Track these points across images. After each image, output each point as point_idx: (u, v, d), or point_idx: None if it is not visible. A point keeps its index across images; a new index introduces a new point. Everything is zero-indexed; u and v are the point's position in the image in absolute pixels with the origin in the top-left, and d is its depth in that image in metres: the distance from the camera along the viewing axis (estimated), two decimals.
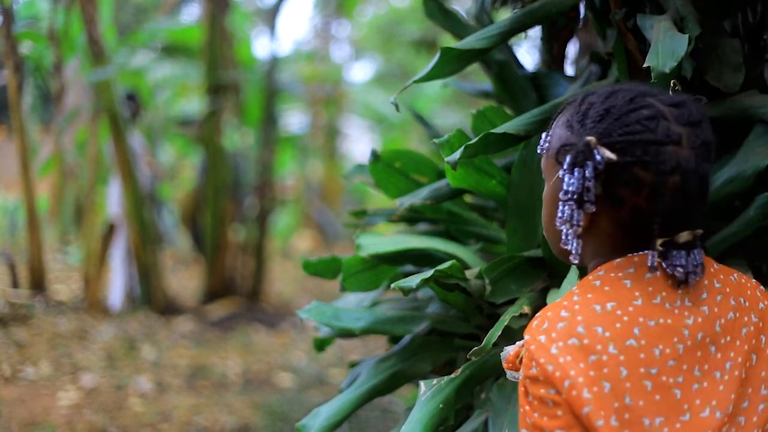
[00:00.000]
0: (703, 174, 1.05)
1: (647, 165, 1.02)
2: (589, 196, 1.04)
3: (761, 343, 1.07)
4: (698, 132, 1.05)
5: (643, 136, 1.02)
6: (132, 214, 6.36)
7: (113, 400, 4.31)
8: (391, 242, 1.86)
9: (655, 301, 1.03)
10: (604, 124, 1.05)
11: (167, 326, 6.00)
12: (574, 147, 1.05)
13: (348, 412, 1.78)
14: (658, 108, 1.05)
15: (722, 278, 1.10)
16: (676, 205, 1.03)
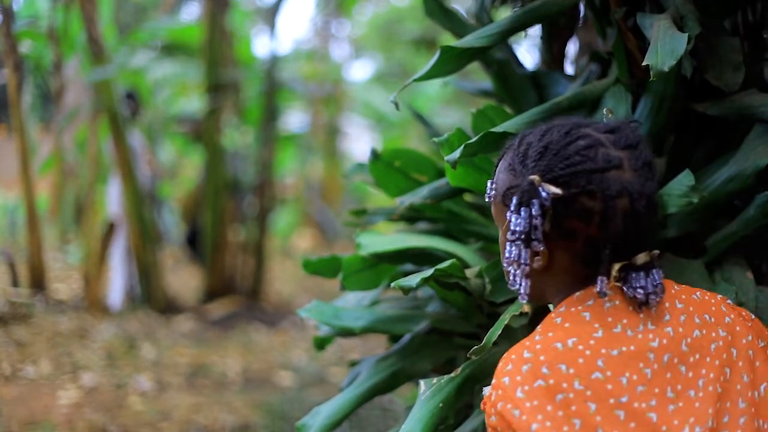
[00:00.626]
0: (649, 194, 1.07)
1: (593, 193, 1.03)
2: (537, 234, 1.05)
3: (732, 357, 1.07)
4: (637, 154, 1.07)
5: (585, 165, 1.04)
6: (132, 213, 6.36)
7: (113, 398, 4.32)
8: (391, 241, 1.86)
9: (615, 330, 1.04)
10: (544, 160, 1.07)
11: (167, 325, 6.00)
12: (518, 188, 1.07)
13: (348, 411, 1.78)
14: (594, 136, 1.07)
15: (684, 298, 1.11)
16: (627, 228, 1.05)
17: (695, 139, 1.64)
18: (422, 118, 2.30)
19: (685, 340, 1.05)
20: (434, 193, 1.80)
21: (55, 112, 7.56)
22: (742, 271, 1.54)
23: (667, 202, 1.44)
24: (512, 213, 1.07)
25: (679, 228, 1.61)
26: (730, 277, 1.55)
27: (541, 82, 1.90)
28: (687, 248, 1.62)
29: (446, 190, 1.79)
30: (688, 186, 1.41)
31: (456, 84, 2.43)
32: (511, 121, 1.56)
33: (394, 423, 3.37)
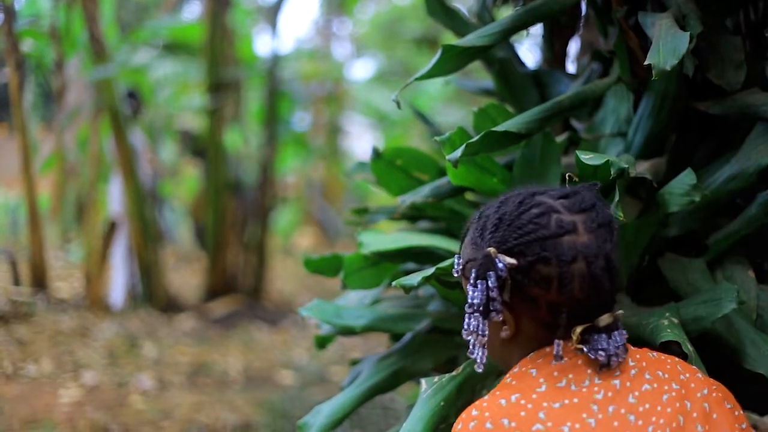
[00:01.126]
0: (607, 254, 1.07)
1: (548, 260, 1.05)
2: (495, 305, 1.07)
3: (686, 407, 1.07)
4: (593, 216, 1.08)
5: (538, 233, 1.06)
6: (133, 211, 6.37)
7: (115, 397, 4.32)
8: (393, 240, 1.86)
9: (559, 384, 1.05)
10: (499, 232, 1.09)
11: (169, 324, 6.01)
12: (476, 261, 1.09)
13: (349, 410, 1.78)
14: (547, 204, 1.09)
15: (638, 357, 1.12)
16: (586, 291, 1.06)
17: (697, 137, 1.64)
18: (424, 117, 2.30)
19: (632, 393, 1.06)
20: (436, 191, 1.80)
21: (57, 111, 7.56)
22: (744, 269, 1.54)
23: (669, 201, 1.44)
24: (470, 286, 1.09)
25: (681, 227, 1.61)
26: (732, 275, 1.55)
27: (542, 80, 1.90)
28: (689, 247, 1.62)
29: (448, 188, 1.79)
30: (689, 185, 1.41)
31: (457, 83, 2.43)
32: (512, 120, 1.56)
33: (395, 422, 3.37)
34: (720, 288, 1.46)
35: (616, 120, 1.67)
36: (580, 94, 1.63)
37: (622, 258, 1.65)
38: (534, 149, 1.64)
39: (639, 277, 1.69)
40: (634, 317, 1.55)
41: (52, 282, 7.32)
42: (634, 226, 1.59)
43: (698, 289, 1.56)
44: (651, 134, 1.57)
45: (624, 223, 1.42)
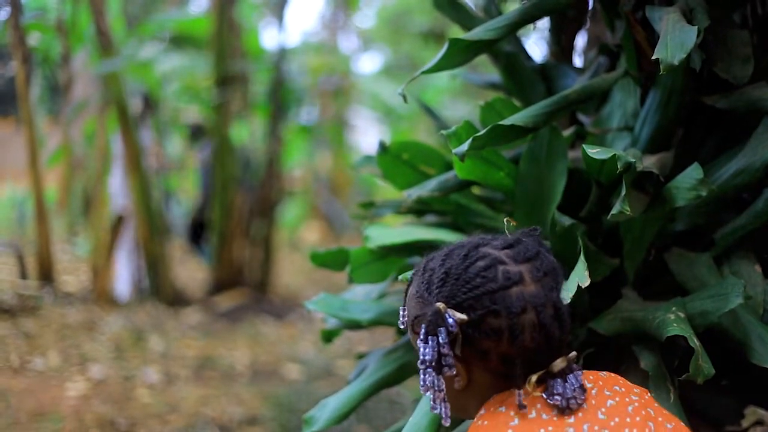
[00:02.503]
0: (554, 302, 1.09)
1: (498, 312, 1.05)
2: (447, 360, 1.07)
3: (651, 414, 1.09)
4: (538, 265, 1.10)
5: (486, 287, 1.06)
6: (140, 205, 6.38)
7: (121, 391, 4.33)
8: (399, 234, 1.86)
9: (531, 416, 1.06)
10: (447, 287, 1.09)
11: (175, 317, 6.03)
12: (425, 317, 1.09)
13: (355, 404, 1.79)
14: (492, 255, 1.10)
15: (592, 378, 1.13)
16: (538, 340, 1.07)
17: (704, 132, 1.64)
18: (430, 111, 2.30)
19: (600, 410, 1.07)
20: (442, 185, 1.80)
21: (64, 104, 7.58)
22: (751, 264, 1.54)
23: (676, 196, 1.44)
24: (421, 342, 1.08)
25: (688, 221, 1.61)
26: (738, 270, 1.54)
27: (549, 74, 1.89)
28: (695, 241, 1.62)
29: (454, 182, 1.79)
30: (696, 179, 1.40)
31: (464, 76, 2.43)
32: (519, 113, 1.56)
33: (401, 415, 3.37)
34: (726, 282, 1.46)
35: (623, 114, 1.66)
36: (587, 88, 1.63)
37: (629, 252, 1.65)
38: (540, 143, 1.63)
39: (646, 271, 1.69)
40: (640, 312, 1.55)
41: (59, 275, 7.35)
42: (640, 221, 1.59)
43: (705, 283, 1.55)
44: (658, 128, 1.57)
45: (631, 218, 1.42)
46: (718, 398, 1.59)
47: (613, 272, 1.65)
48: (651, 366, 1.49)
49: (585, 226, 1.59)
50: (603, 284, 1.64)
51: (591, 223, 1.63)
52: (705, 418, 1.57)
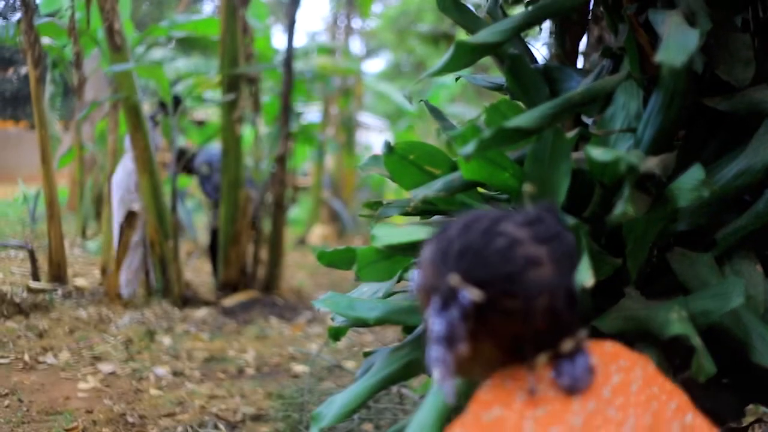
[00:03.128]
0: (567, 286, 1.09)
1: (514, 295, 1.05)
2: (458, 336, 1.07)
3: (654, 392, 1.10)
4: (556, 246, 1.09)
5: (504, 268, 1.06)
6: (150, 205, 6.42)
7: (131, 388, 4.37)
8: (406, 233, 1.88)
9: (537, 391, 1.06)
10: (465, 261, 1.08)
11: (184, 316, 6.07)
12: (440, 289, 1.09)
13: (362, 401, 1.81)
14: (512, 235, 1.08)
15: (598, 351, 1.14)
16: (549, 323, 1.07)
17: (706, 133, 1.66)
18: (436, 112, 2.32)
19: (605, 388, 1.08)
20: (448, 186, 1.83)
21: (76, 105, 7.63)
22: (752, 264, 1.56)
23: (678, 196, 1.46)
24: (434, 315, 1.08)
25: (690, 222, 1.63)
26: (740, 270, 1.57)
27: (553, 77, 1.91)
28: (697, 241, 1.64)
29: (460, 183, 1.82)
30: (698, 180, 1.42)
31: (469, 78, 2.45)
32: (523, 115, 1.58)
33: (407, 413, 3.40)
34: (728, 282, 1.48)
35: (626, 116, 1.68)
36: (591, 91, 1.65)
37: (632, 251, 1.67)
38: (545, 144, 1.65)
39: (648, 271, 1.71)
40: (643, 311, 1.57)
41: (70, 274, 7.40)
42: (643, 221, 1.61)
43: (706, 283, 1.58)
44: (660, 130, 1.59)
45: (634, 218, 1.44)
46: (720, 396, 1.61)
47: (616, 272, 1.67)
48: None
49: (588, 226, 1.61)
50: (606, 283, 1.66)
51: (594, 223, 1.65)
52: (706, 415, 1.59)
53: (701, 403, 1.60)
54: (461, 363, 1.12)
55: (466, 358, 1.10)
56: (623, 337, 1.61)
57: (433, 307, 1.09)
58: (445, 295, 1.07)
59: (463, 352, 1.08)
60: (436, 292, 1.09)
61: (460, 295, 1.06)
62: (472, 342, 1.09)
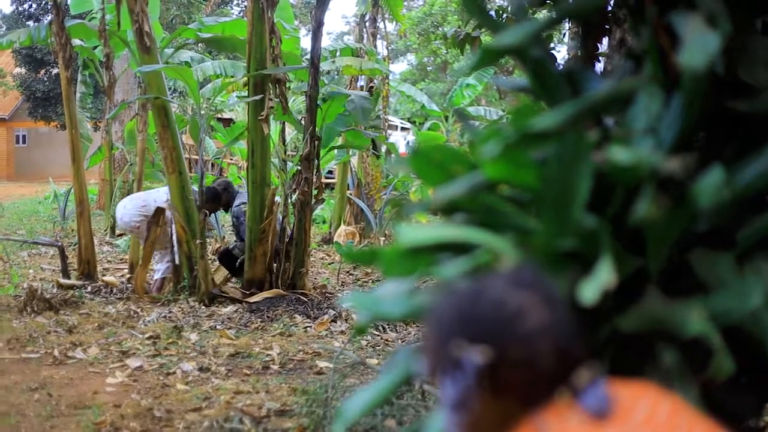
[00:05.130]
0: (567, 322, 1.12)
1: (516, 344, 1.08)
2: (469, 397, 1.10)
3: (681, 422, 1.12)
4: (542, 291, 1.13)
5: (498, 321, 1.09)
6: (178, 204, 6.50)
7: (159, 383, 4.45)
8: (430, 232, 1.91)
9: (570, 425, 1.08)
10: (462, 326, 1.12)
11: (210, 313, 6.14)
12: (445, 358, 1.12)
13: (385, 397, 1.84)
14: (499, 291, 1.13)
15: (625, 388, 1.15)
16: (558, 362, 1.09)
17: (726, 135, 1.67)
18: (460, 113, 2.35)
19: (631, 420, 1.09)
20: (471, 186, 1.85)
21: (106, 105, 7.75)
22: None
23: (699, 197, 1.48)
24: (444, 382, 1.12)
25: (710, 222, 1.65)
26: (760, 270, 1.58)
27: (576, 79, 1.93)
28: (718, 242, 1.65)
29: (482, 183, 1.84)
30: (719, 181, 1.44)
31: (493, 80, 2.48)
32: (547, 118, 1.61)
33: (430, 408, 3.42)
34: (747, 282, 1.50)
35: (647, 117, 1.70)
36: (613, 92, 1.67)
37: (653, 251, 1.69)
38: (567, 146, 1.67)
39: (669, 271, 1.73)
40: (663, 310, 1.59)
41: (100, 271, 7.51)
42: (664, 222, 1.63)
43: (726, 283, 1.59)
44: (681, 131, 1.60)
45: (655, 219, 1.46)
46: (738, 395, 1.62)
47: (637, 271, 1.68)
48: (673, 363, 1.53)
49: (610, 227, 1.63)
50: (627, 283, 1.68)
51: (616, 224, 1.67)
52: (725, 414, 1.61)
53: (720, 402, 1.61)
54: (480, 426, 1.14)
55: (484, 421, 1.13)
56: (643, 337, 1.63)
57: (443, 377, 1.12)
58: (451, 361, 1.11)
59: (477, 414, 1.11)
60: (443, 362, 1.12)
61: (465, 359, 1.09)
62: (487, 402, 1.11)
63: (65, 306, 6.09)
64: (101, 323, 5.77)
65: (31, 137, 30.85)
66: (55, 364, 4.86)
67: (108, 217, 9.83)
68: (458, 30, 4.35)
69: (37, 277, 7.48)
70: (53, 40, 6.35)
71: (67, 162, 7.00)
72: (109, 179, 9.85)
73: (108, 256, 8.88)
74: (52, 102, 23.22)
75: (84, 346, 5.20)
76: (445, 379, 1.12)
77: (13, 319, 5.82)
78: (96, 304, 6.33)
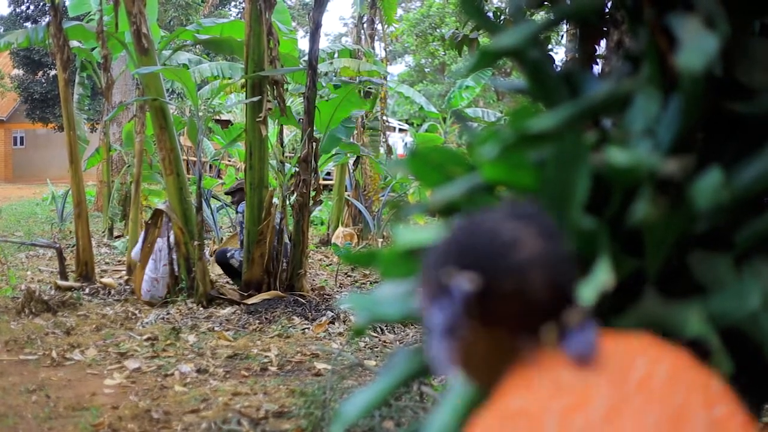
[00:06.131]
0: (561, 256, 1.11)
1: (506, 274, 1.07)
2: (456, 326, 1.09)
3: (679, 386, 1.08)
4: (538, 225, 1.12)
5: (489, 249, 1.09)
6: (176, 206, 6.50)
7: (156, 384, 4.44)
8: (428, 233, 1.91)
9: (561, 380, 1.05)
10: (454, 254, 1.12)
11: (208, 315, 6.14)
12: (434, 284, 1.12)
13: (383, 399, 1.84)
14: (495, 222, 1.12)
15: (624, 342, 1.14)
16: (550, 295, 1.08)
17: (724, 136, 1.67)
18: (458, 115, 2.35)
19: (628, 381, 1.06)
20: (469, 187, 1.85)
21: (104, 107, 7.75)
22: None
23: (697, 199, 1.48)
24: (430, 309, 1.12)
25: (709, 223, 1.65)
26: (759, 272, 1.58)
27: (574, 80, 1.93)
28: (716, 243, 1.65)
29: (480, 184, 1.84)
30: (717, 183, 1.44)
31: (491, 82, 2.48)
32: (545, 119, 1.60)
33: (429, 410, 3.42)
34: (746, 284, 1.50)
35: (645, 119, 1.70)
36: (611, 94, 1.67)
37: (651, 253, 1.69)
38: (565, 147, 1.67)
39: (667, 272, 1.73)
40: (661, 311, 1.59)
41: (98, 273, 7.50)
42: (662, 223, 1.63)
43: (725, 284, 1.59)
44: (680, 133, 1.60)
45: (653, 220, 1.46)
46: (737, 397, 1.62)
47: (635, 273, 1.68)
48: None
49: (607, 228, 1.63)
50: (625, 285, 1.68)
51: (613, 225, 1.67)
52: None
53: None
54: (469, 361, 1.14)
55: (474, 352, 1.12)
56: None
57: (431, 302, 1.12)
58: (439, 287, 1.11)
59: (467, 344, 1.10)
60: (433, 289, 1.13)
61: (454, 285, 1.09)
62: (476, 332, 1.10)
63: (63, 308, 6.09)
64: (99, 325, 5.77)
65: (29, 139, 30.82)
66: (52, 365, 4.85)
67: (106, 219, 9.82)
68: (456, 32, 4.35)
69: (35, 279, 7.47)
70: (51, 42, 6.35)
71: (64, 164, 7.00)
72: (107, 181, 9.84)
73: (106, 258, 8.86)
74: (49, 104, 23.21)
75: (82, 347, 5.19)
76: (435, 306, 1.12)
77: (11, 320, 5.81)
78: (94, 306, 6.32)
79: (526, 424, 1.01)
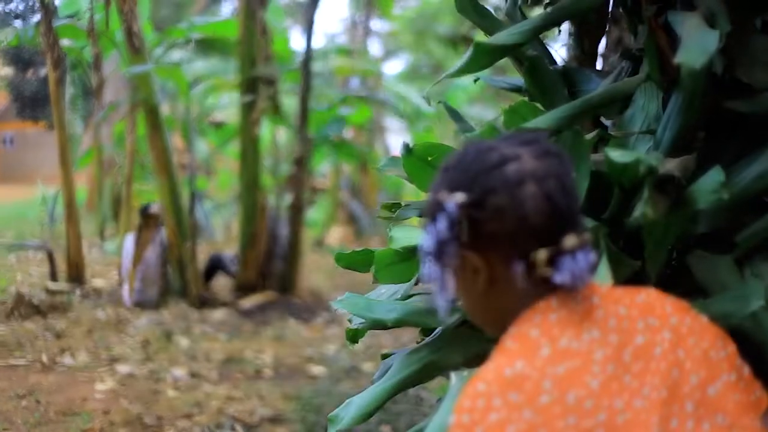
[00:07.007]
0: (558, 174, 1.05)
1: (495, 189, 1.03)
2: (447, 246, 1.05)
3: (679, 357, 1.05)
4: (537, 146, 1.07)
5: (481, 167, 1.05)
6: (168, 207, 6.45)
7: (149, 389, 4.40)
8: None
9: (561, 343, 1.01)
10: (447, 177, 1.09)
11: (201, 318, 6.09)
12: (431, 205, 1.09)
13: (380, 403, 1.81)
14: (490, 143, 1.09)
15: (628, 302, 1.09)
16: (544, 213, 1.03)
17: (725, 135, 1.65)
18: (455, 113, 2.32)
19: (626, 350, 1.03)
20: None
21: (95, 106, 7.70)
22: None
23: (697, 198, 1.45)
24: (424, 231, 1.08)
25: (709, 224, 1.62)
26: (760, 272, 1.55)
27: (572, 78, 1.91)
28: (717, 244, 1.63)
29: None
30: (718, 182, 1.42)
31: (488, 80, 2.44)
32: (542, 117, 1.58)
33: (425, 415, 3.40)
34: (747, 285, 1.47)
35: (645, 117, 1.68)
36: (610, 92, 1.65)
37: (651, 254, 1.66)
38: (563, 146, 1.65)
39: (667, 273, 1.70)
40: None
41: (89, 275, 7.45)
42: (662, 223, 1.60)
43: (726, 285, 1.56)
44: (680, 132, 1.58)
45: (653, 220, 1.44)
46: None
47: (635, 274, 1.66)
48: None
49: (607, 228, 1.60)
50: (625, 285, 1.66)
51: (613, 226, 1.65)
52: None
53: None
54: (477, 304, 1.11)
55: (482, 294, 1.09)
56: None
57: (425, 224, 1.09)
58: (431, 208, 1.08)
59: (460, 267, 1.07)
60: (428, 211, 1.09)
61: (445, 205, 1.05)
62: (480, 260, 1.06)
63: (53, 311, 6.03)
64: (90, 328, 5.71)
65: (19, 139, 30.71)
66: (43, 370, 4.80)
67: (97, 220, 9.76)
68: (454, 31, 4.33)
69: (24, 282, 7.40)
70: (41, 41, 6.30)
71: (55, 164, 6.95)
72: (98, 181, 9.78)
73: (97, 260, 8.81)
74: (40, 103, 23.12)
75: (73, 351, 5.14)
76: (428, 227, 1.08)
77: (0, 324, 5.76)
78: (85, 309, 6.27)
79: (524, 390, 0.97)
